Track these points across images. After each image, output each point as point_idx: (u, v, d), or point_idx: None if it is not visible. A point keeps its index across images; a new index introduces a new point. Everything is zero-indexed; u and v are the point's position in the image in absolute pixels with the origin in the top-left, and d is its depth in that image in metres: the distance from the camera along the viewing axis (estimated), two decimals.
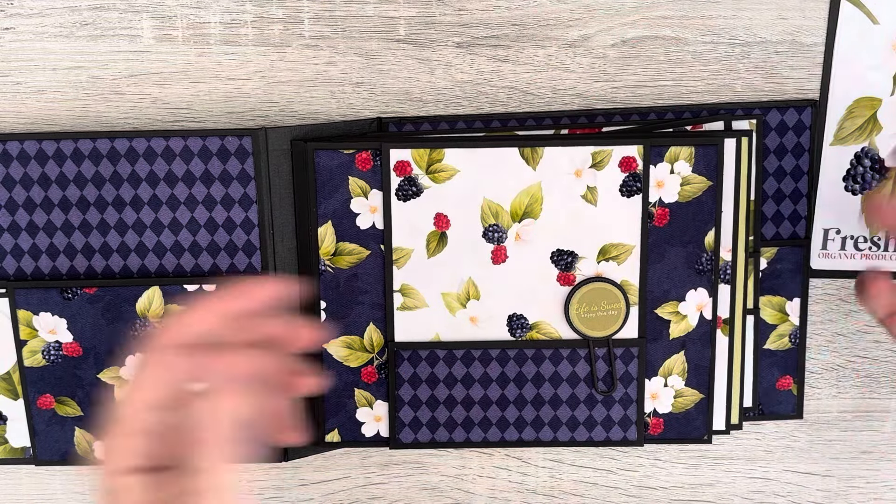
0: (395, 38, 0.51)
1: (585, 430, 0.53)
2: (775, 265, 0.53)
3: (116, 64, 0.51)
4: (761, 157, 0.52)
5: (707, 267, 0.51)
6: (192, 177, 0.50)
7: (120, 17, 0.50)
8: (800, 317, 0.54)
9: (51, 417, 0.53)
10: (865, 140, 0.52)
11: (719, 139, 0.50)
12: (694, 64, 0.51)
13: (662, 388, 0.53)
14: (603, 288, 0.48)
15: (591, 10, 0.51)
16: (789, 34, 0.51)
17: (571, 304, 0.48)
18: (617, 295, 0.48)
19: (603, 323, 0.49)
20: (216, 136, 0.49)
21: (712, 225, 0.51)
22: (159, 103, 0.51)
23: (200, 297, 0.36)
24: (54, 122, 0.51)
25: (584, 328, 0.49)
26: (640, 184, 0.50)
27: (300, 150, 0.50)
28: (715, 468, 0.56)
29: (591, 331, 0.49)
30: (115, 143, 0.50)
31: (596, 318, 0.49)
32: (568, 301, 0.48)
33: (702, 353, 0.52)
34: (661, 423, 0.53)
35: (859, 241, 0.53)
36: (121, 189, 0.50)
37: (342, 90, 0.51)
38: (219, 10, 0.50)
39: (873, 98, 0.51)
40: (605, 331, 0.49)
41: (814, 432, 0.56)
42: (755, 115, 0.51)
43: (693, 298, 0.51)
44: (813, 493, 0.57)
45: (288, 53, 0.51)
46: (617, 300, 0.48)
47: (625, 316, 0.49)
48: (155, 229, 0.50)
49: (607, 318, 0.49)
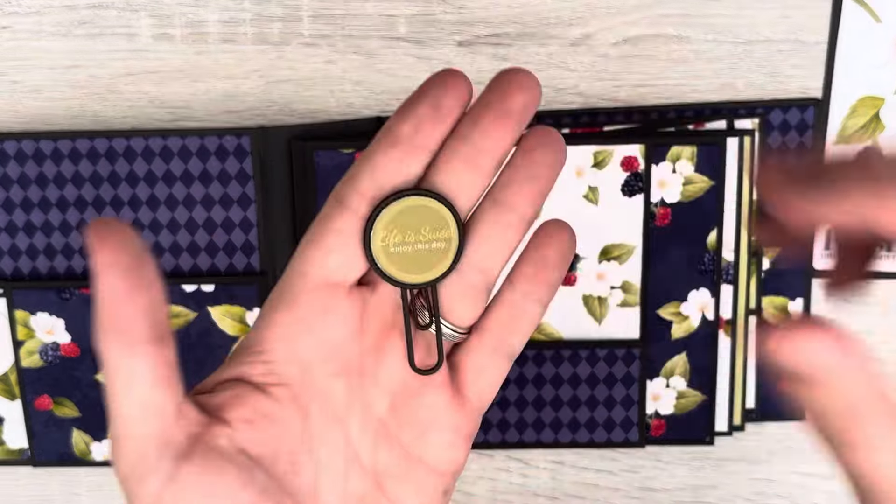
0: (395, 36, 0.50)
1: (587, 432, 0.53)
2: (778, 265, 0.53)
3: (114, 63, 0.50)
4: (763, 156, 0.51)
5: (709, 267, 0.51)
6: (191, 176, 0.50)
7: (118, 15, 0.50)
8: None
9: (48, 418, 0.52)
10: (869, 139, 0.52)
11: (722, 138, 0.50)
12: (696, 62, 0.51)
13: (664, 390, 0.52)
14: (422, 206, 0.30)
15: (592, 8, 0.50)
16: (792, 33, 0.51)
17: (375, 230, 0.29)
18: (443, 217, 0.30)
19: (422, 261, 0.30)
20: (214, 135, 0.49)
21: (714, 225, 0.50)
22: (157, 102, 0.51)
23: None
24: (52, 121, 0.51)
25: (393, 269, 0.30)
26: (641, 183, 0.50)
27: (299, 149, 0.49)
28: (717, 470, 0.56)
29: (406, 273, 0.30)
30: (113, 143, 0.49)
31: (412, 254, 0.30)
32: (369, 226, 0.29)
33: (704, 354, 0.52)
34: (663, 424, 0.53)
35: None
36: (118, 189, 0.50)
37: (342, 89, 0.51)
38: (217, 8, 0.50)
39: (876, 97, 0.51)
40: (425, 273, 0.30)
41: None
42: (758, 114, 0.51)
43: (695, 299, 0.51)
44: (816, 494, 0.57)
45: (287, 52, 0.51)
46: (444, 225, 0.30)
47: (455, 252, 0.30)
48: (153, 229, 0.50)
49: (429, 254, 0.30)
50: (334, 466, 0.29)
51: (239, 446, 0.27)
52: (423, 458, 0.30)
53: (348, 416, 0.29)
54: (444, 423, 0.30)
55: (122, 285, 0.24)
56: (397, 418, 0.30)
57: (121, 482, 0.26)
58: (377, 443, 0.29)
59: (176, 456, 0.25)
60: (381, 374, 0.30)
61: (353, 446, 0.29)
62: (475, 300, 0.30)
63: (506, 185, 0.29)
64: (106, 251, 0.24)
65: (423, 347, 0.30)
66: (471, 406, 0.30)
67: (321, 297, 0.28)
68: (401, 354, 0.30)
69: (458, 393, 0.30)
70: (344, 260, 0.29)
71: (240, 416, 0.27)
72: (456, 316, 0.30)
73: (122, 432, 0.25)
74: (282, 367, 0.28)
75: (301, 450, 0.28)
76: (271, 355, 0.28)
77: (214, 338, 0.51)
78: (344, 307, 0.29)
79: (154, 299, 0.24)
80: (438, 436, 0.30)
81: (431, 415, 0.30)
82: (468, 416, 0.30)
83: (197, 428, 0.26)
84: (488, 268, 0.30)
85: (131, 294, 0.24)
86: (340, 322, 0.29)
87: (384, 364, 0.30)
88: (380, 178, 0.28)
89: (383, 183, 0.28)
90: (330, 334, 0.29)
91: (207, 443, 0.26)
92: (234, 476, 0.26)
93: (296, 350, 0.28)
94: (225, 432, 0.27)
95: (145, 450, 0.25)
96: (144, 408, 0.25)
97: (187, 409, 0.26)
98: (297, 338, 0.29)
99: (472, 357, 0.30)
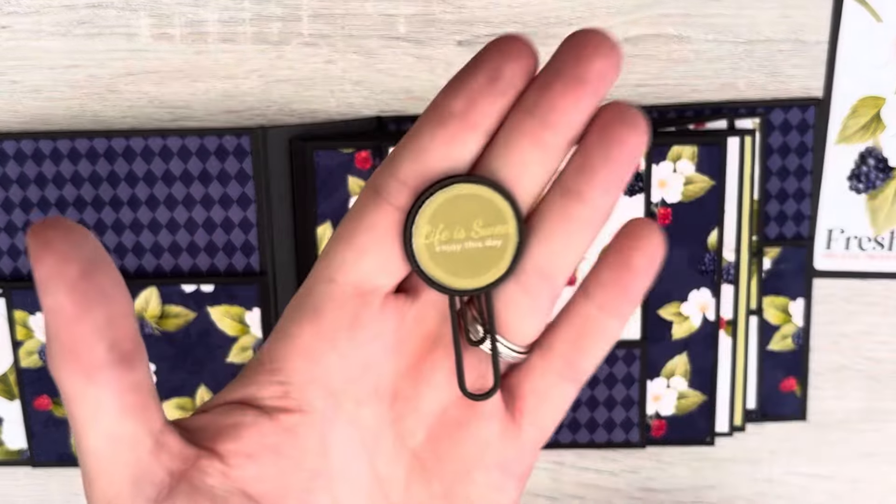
0: (394, 35, 0.50)
1: (587, 433, 0.53)
2: (779, 265, 0.53)
3: (114, 63, 0.50)
4: (765, 156, 0.51)
5: (710, 267, 0.51)
6: (190, 176, 0.49)
7: (117, 15, 0.50)
8: (803, 317, 0.53)
9: (48, 419, 0.52)
10: (870, 139, 0.52)
11: (722, 138, 0.49)
12: (696, 62, 0.51)
13: (665, 390, 0.52)
14: (475, 196, 0.24)
15: (592, 7, 0.50)
16: (793, 32, 0.51)
17: (418, 225, 0.24)
18: (500, 209, 0.24)
19: (474, 262, 0.24)
20: (214, 135, 0.49)
21: (715, 225, 0.50)
22: (157, 102, 0.51)
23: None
24: (51, 121, 0.51)
25: (439, 272, 0.24)
26: (642, 183, 0.50)
27: (299, 149, 0.49)
28: (718, 470, 0.56)
29: (454, 277, 0.24)
30: (113, 143, 0.49)
31: (462, 255, 0.24)
32: (410, 221, 0.24)
33: (705, 354, 0.52)
34: (663, 424, 0.53)
35: (863, 241, 0.53)
36: (118, 189, 0.50)
37: (341, 89, 0.51)
38: (217, 8, 0.50)
39: (877, 97, 0.51)
40: (477, 277, 0.24)
41: (818, 434, 0.56)
42: (758, 114, 0.51)
43: (696, 299, 0.51)
44: (817, 495, 0.57)
45: (287, 52, 0.50)
46: (500, 219, 0.24)
47: (514, 252, 0.24)
48: (152, 229, 0.50)
49: (482, 255, 0.24)
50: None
51: (235, 485, 0.23)
52: (466, 500, 0.25)
53: (377, 449, 0.25)
54: (494, 460, 0.25)
55: (69, 302, 0.20)
56: (436, 452, 0.25)
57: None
58: (411, 481, 0.25)
59: (153, 497, 0.21)
60: (420, 400, 0.25)
61: (381, 484, 0.25)
62: (538, 312, 0.25)
63: (578, 170, 0.24)
64: (47, 261, 0.20)
65: (473, 369, 0.25)
66: (527, 439, 0.25)
67: (351, 308, 0.24)
68: (445, 376, 0.25)
69: (513, 424, 0.25)
70: (379, 262, 0.24)
71: (238, 450, 0.23)
72: (514, 331, 0.25)
73: (91, 468, 0.22)
74: (300, 391, 0.24)
75: (317, 486, 0.24)
76: (288, 375, 0.24)
77: (214, 338, 0.51)
78: (378, 320, 0.24)
79: (113, 314, 0.20)
80: (486, 475, 0.25)
81: (479, 449, 0.25)
82: (523, 451, 0.25)
83: (181, 463, 0.22)
84: (555, 272, 0.25)
85: (82, 311, 0.20)
86: (373, 337, 0.24)
87: (424, 387, 0.25)
88: (424, 164, 0.23)
89: (428, 169, 0.23)
90: (360, 352, 0.24)
91: (193, 481, 0.22)
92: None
93: (318, 370, 0.24)
94: (217, 468, 0.22)
95: (119, 489, 0.21)
96: (113, 441, 0.21)
97: (169, 440, 0.22)
98: (320, 356, 0.24)
99: (533, 381, 0.25)
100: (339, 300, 0.24)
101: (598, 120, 0.23)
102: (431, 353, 0.25)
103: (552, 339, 0.25)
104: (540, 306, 0.25)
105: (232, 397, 0.24)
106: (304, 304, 0.24)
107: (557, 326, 0.25)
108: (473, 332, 0.25)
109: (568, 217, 0.24)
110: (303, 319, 0.24)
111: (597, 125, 0.23)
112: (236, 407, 0.24)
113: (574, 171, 0.24)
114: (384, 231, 0.24)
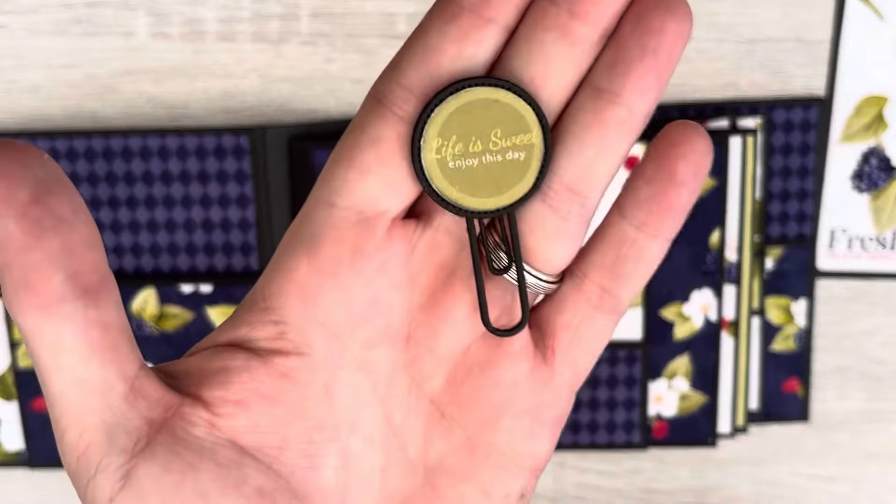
0: (394, 34, 0.50)
1: (589, 434, 0.52)
2: (781, 265, 0.53)
3: (112, 62, 0.50)
4: (767, 155, 0.51)
5: (712, 267, 0.51)
6: (189, 176, 0.49)
7: (115, 14, 0.50)
8: (806, 318, 0.53)
9: (45, 420, 0.52)
10: (873, 138, 0.51)
11: (724, 138, 0.49)
12: (698, 61, 0.51)
13: (667, 391, 0.52)
14: (493, 101, 0.21)
15: None
16: (795, 31, 0.51)
17: (427, 137, 0.21)
18: (522, 115, 0.21)
19: (494, 178, 0.21)
20: (213, 134, 0.49)
21: (717, 224, 0.50)
22: (155, 101, 0.51)
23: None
24: (49, 120, 0.51)
25: (454, 191, 0.21)
26: None
27: (298, 148, 0.49)
28: (720, 472, 0.56)
29: (471, 195, 0.21)
30: (111, 142, 0.49)
31: (480, 170, 0.21)
32: (419, 132, 0.21)
33: (707, 355, 0.52)
34: (665, 426, 0.53)
35: (866, 241, 0.53)
36: (116, 188, 0.49)
37: (341, 88, 0.51)
38: (215, 6, 0.50)
39: (880, 96, 0.51)
40: (498, 196, 0.21)
41: (820, 435, 0.56)
42: (761, 113, 0.51)
43: (698, 299, 0.51)
44: (819, 496, 0.56)
45: (286, 51, 0.50)
46: (523, 128, 0.21)
47: (540, 165, 0.21)
48: (151, 229, 0.50)
49: (503, 169, 0.21)
50: (369, 460, 0.22)
51: (224, 435, 0.20)
52: (493, 451, 0.22)
53: (390, 396, 0.22)
54: (524, 404, 0.22)
55: (18, 229, 0.18)
56: (458, 397, 0.22)
57: (70, 480, 0.20)
58: (430, 429, 0.22)
59: (129, 449, 0.19)
60: (438, 339, 0.22)
61: (397, 435, 0.22)
62: (569, 235, 0.22)
63: (610, 66, 0.20)
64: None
65: (496, 302, 0.22)
66: (560, 381, 0.23)
67: (353, 236, 0.21)
68: (464, 311, 0.22)
69: (544, 363, 0.22)
70: (384, 182, 0.21)
71: (227, 396, 0.20)
72: (542, 257, 0.22)
73: (59, 417, 0.19)
74: (297, 331, 0.21)
75: (321, 438, 0.21)
76: (284, 314, 0.21)
77: None
78: (385, 249, 0.21)
79: (71, 242, 0.18)
80: (514, 422, 0.22)
81: (506, 393, 0.22)
82: (556, 394, 0.23)
83: (161, 411, 0.20)
84: (587, 188, 0.21)
85: (34, 239, 0.18)
86: (380, 269, 0.21)
87: (441, 325, 0.22)
88: (433, 66, 0.20)
89: (438, 72, 0.20)
90: (365, 287, 0.21)
91: (176, 431, 0.20)
92: (212, 475, 0.20)
93: (318, 308, 0.21)
94: (203, 417, 0.20)
95: (90, 439, 0.19)
96: (80, 385, 0.19)
97: (147, 385, 0.20)
98: (319, 291, 0.21)
99: (566, 314, 0.22)
100: (339, 227, 0.21)
101: (633, 7, 0.20)
102: (448, 286, 0.22)
103: (585, 266, 0.22)
104: (570, 228, 0.22)
105: (221, 339, 0.22)
106: (301, 233, 0.21)
107: (590, 251, 0.22)
108: (496, 260, 0.22)
109: (601, 122, 0.21)
110: (299, 250, 0.21)
111: (632, 13, 0.20)
112: (225, 349, 0.21)
113: (606, 67, 0.20)
114: (389, 146, 0.21)
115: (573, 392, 0.23)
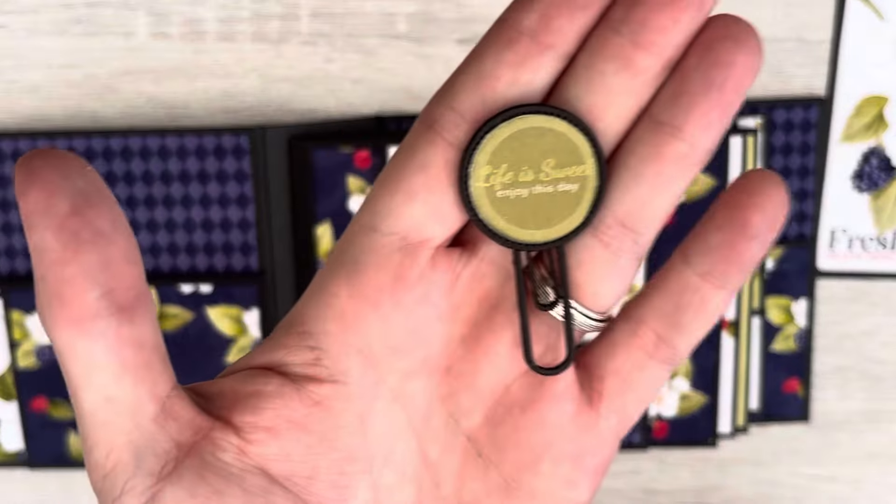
0: (394, 34, 0.50)
1: None
2: (781, 265, 0.53)
3: (111, 61, 0.50)
4: (767, 155, 0.51)
5: None
6: (188, 176, 0.49)
7: (115, 14, 0.50)
8: (806, 318, 0.53)
9: (44, 420, 0.52)
10: (873, 138, 0.51)
11: (724, 137, 0.49)
12: None
13: (667, 391, 0.52)
14: (546, 130, 0.20)
15: None
16: (795, 30, 0.51)
17: (477, 164, 0.20)
18: (576, 146, 0.20)
19: (544, 210, 0.20)
20: (212, 134, 0.49)
21: None
22: (155, 101, 0.51)
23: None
24: (49, 120, 0.51)
25: (502, 222, 0.20)
26: None
27: (298, 148, 0.49)
28: (721, 472, 0.56)
29: (520, 227, 0.20)
30: (111, 142, 0.49)
31: (530, 201, 0.20)
32: (467, 159, 0.20)
33: (707, 355, 0.52)
34: (665, 426, 0.53)
35: (866, 241, 0.53)
36: (116, 188, 0.49)
37: (341, 88, 0.51)
38: (215, 6, 0.50)
39: (880, 96, 0.51)
40: (548, 228, 0.20)
41: (821, 435, 0.55)
42: (761, 113, 0.51)
43: None
44: (819, 496, 0.56)
45: (285, 51, 0.50)
46: (577, 159, 0.20)
47: (594, 198, 0.20)
48: (151, 229, 0.50)
49: (554, 201, 0.20)
50: (401, 495, 0.21)
51: (254, 462, 0.20)
52: (530, 496, 0.21)
53: (426, 430, 0.21)
54: (565, 449, 0.21)
55: (55, 241, 0.17)
56: (496, 437, 0.21)
57: (97, 497, 0.20)
58: (465, 468, 0.21)
59: (157, 472, 0.19)
60: (478, 374, 0.21)
61: (430, 470, 0.21)
62: (620, 272, 0.21)
63: (673, 99, 0.19)
64: (32, 195, 0.17)
65: (541, 338, 0.21)
66: (606, 427, 0.21)
67: (395, 263, 0.20)
68: (507, 347, 0.21)
69: (590, 407, 0.21)
70: (430, 209, 0.20)
71: (258, 422, 0.20)
72: (591, 294, 0.21)
73: (88, 434, 0.19)
74: (334, 358, 0.20)
75: (353, 470, 0.20)
76: (321, 339, 0.21)
77: (212, 339, 0.51)
78: (427, 278, 0.20)
79: (109, 257, 0.18)
80: (554, 466, 0.21)
81: (547, 436, 0.21)
82: (600, 440, 0.21)
83: (190, 434, 0.19)
84: (641, 225, 0.20)
85: (71, 252, 0.17)
86: (421, 299, 0.20)
87: (482, 360, 0.21)
88: (488, 91, 0.19)
89: (492, 97, 0.19)
90: (406, 316, 0.20)
91: (204, 455, 0.19)
92: (239, 503, 0.19)
93: (356, 335, 0.20)
94: (233, 443, 0.19)
95: (117, 459, 0.19)
96: (110, 404, 0.18)
97: (178, 406, 0.19)
98: (358, 318, 0.20)
99: (618, 359, 0.21)
100: (381, 253, 0.20)
101: (700, 37, 0.19)
102: (491, 320, 0.21)
103: (642, 311, 0.21)
104: (622, 265, 0.21)
105: (256, 361, 0.21)
106: (342, 257, 0.21)
107: (650, 296, 0.21)
108: (542, 295, 0.21)
109: (660, 156, 0.20)
110: (339, 275, 0.20)
111: (699, 44, 0.19)
112: (259, 373, 0.21)
113: (668, 100, 0.19)
114: (437, 172, 0.20)
115: (618, 440, 0.22)
